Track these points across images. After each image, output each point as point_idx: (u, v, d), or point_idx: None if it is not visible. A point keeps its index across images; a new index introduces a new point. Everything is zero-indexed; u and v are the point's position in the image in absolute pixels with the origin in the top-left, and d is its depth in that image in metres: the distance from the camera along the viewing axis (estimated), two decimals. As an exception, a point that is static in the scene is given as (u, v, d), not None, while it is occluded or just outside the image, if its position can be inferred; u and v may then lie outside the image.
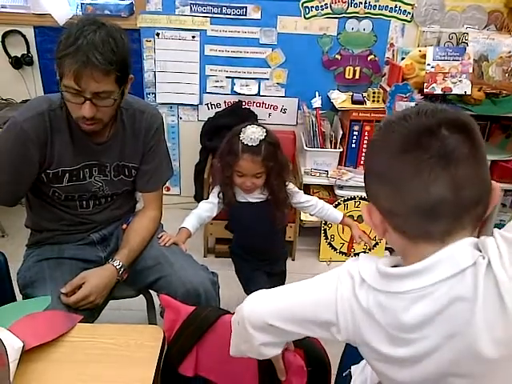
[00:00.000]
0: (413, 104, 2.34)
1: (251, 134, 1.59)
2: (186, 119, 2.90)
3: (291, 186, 1.76)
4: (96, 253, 1.59)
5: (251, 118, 2.75)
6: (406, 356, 0.71)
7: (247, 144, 1.59)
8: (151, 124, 1.54)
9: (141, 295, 1.67)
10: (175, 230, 1.70)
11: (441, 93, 2.37)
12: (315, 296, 0.81)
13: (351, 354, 1.21)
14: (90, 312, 1.40)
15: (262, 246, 1.83)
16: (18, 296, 1.45)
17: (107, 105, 1.31)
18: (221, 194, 1.75)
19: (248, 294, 1.82)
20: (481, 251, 0.68)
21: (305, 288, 0.84)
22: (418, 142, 0.68)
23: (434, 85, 2.38)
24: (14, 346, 0.97)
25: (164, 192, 1.72)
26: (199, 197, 2.74)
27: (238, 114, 2.74)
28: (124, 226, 1.63)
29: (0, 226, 2.72)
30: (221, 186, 1.74)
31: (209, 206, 1.76)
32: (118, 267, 1.46)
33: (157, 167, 1.60)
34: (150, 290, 1.65)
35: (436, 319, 0.68)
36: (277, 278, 1.92)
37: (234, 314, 1.13)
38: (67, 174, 1.44)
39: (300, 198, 1.78)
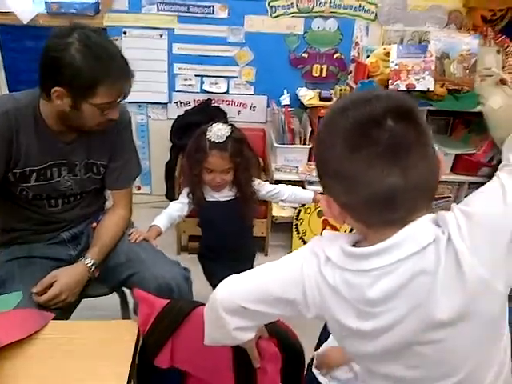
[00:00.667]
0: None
1: (218, 131, 1.64)
2: (156, 118, 2.89)
3: (257, 182, 1.80)
4: (67, 251, 1.58)
5: (220, 116, 2.76)
6: (373, 328, 0.75)
7: (214, 141, 1.63)
8: (119, 122, 1.53)
9: (114, 293, 1.66)
10: (146, 228, 1.70)
11: (405, 89, 2.43)
12: (282, 275, 0.84)
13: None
14: (62, 311, 1.40)
15: (232, 244, 1.84)
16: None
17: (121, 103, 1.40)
18: (190, 194, 1.77)
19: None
20: (440, 226, 0.71)
21: (272, 269, 0.87)
22: (365, 134, 0.69)
23: (398, 82, 2.44)
24: (-14, 343, 0.97)
25: (135, 191, 1.73)
26: (170, 195, 2.74)
27: (208, 112, 2.75)
28: (94, 224, 1.62)
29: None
30: (189, 185, 1.77)
31: (179, 206, 1.79)
32: (89, 265, 1.46)
33: (125, 164, 1.60)
34: (124, 288, 1.65)
35: (400, 293, 0.71)
36: None
37: (207, 304, 1.15)
38: (34, 174, 1.42)
39: (266, 188, 1.83)
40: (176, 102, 2.84)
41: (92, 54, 1.25)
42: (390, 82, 2.43)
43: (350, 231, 0.81)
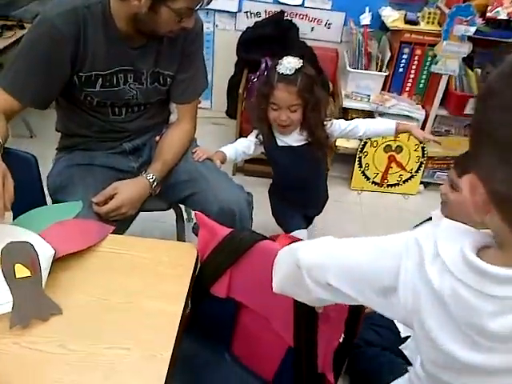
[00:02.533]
0: (472, 29, 2.13)
1: (287, 64, 1.53)
2: (223, 27, 2.71)
3: (329, 123, 1.67)
4: (128, 163, 1.54)
5: (292, 32, 2.55)
6: (476, 363, 0.57)
7: (283, 73, 1.52)
8: (191, 30, 1.41)
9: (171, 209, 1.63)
10: (205, 145, 1.64)
11: (506, 18, 2.14)
12: (379, 262, 0.66)
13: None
14: (121, 223, 1.37)
15: (304, 190, 1.77)
16: (49, 201, 1.42)
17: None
18: (260, 136, 1.69)
19: (284, 230, 1.79)
20: None
21: (370, 250, 0.70)
22: None
23: (499, 9, 2.14)
24: (45, 253, 0.95)
25: None
26: (232, 112, 2.63)
27: (279, 26, 2.54)
28: (157, 137, 1.56)
29: (28, 127, 2.68)
30: (257, 124, 1.67)
31: (246, 143, 1.71)
32: (151, 181, 1.41)
33: (193, 77, 1.50)
34: (181, 205, 1.62)
35: None
36: (312, 219, 1.92)
37: (271, 239, 1.08)
38: (100, 79, 1.34)
39: (341, 126, 1.69)
40: (246, 12, 2.64)
41: None
42: (489, 8, 2.13)
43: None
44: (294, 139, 1.66)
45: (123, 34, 1.30)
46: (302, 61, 1.55)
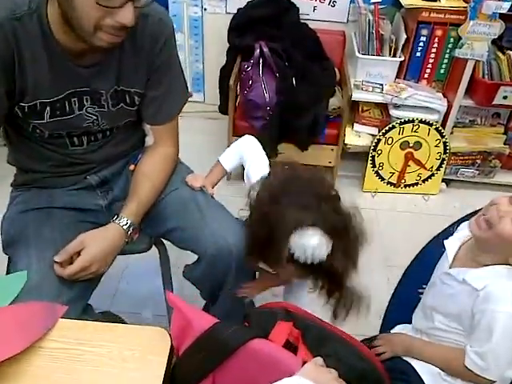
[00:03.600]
0: (507, 4, 1.79)
1: (311, 250, 0.95)
2: (212, 11, 2.37)
3: None
4: (95, 200, 1.27)
5: (292, 12, 2.23)
6: None
7: (299, 258, 0.97)
8: (157, 33, 1.11)
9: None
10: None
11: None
12: None
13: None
14: (90, 282, 1.13)
15: None
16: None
17: (144, 4, 0.96)
18: None
19: None
20: None
21: None
22: None
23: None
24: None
25: None
26: (223, 109, 2.33)
27: (276, 5, 2.21)
28: (131, 166, 1.29)
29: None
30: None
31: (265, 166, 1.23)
32: (125, 227, 1.15)
33: (168, 92, 1.21)
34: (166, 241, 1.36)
35: None
36: None
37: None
38: (48, 108, 1.07)
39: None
40: (238, -8, 2.30)
41: None
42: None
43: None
44: None
45: (69, 51, 1.01)
46: (329, 242, 0.96)
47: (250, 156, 1.25)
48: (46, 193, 1.23)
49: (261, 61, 2.11)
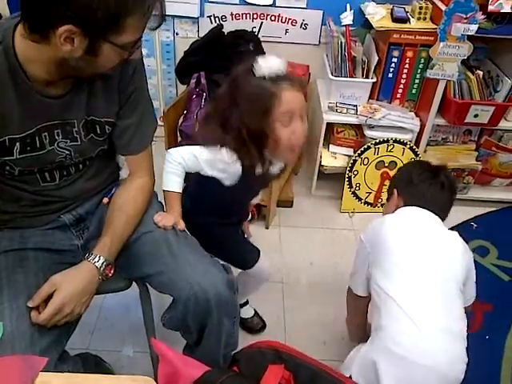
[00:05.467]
0: (474, 27, 1.84)
1: (274, 63, 1.12)
2: (184, 35, 2.35)
3: None
4: (70, 240, 1.23)
5: (247, 41, 2.16)
6: None
7: (276, 74, 1.11)
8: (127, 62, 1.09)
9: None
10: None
11: (510, 11, 1.85)
12: None
13: None
14: (66, 327, 1.07)
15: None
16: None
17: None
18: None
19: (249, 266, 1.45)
20: None
21: None
22: None
23: (501, 0, 1.85)
24: None
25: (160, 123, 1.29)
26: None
27: (221, 43, 2.14)
28: (105, 199, 1.25)
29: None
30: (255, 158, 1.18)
31: (201, 164, 1.24)
32: (97, 265, 1.10)
33: (140, 121, 1.19)
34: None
35: None
36: None
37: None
38: (18, 144, 1.02)
39: None
40: (209, 16, 2.28)
41: None
42: (490, 1, 1.84)
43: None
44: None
45: (39, 83, 0.98)
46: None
47: (187, 163, 1.24)
48: (19, 233, 1.17)
49: (197, 91, 2.06)
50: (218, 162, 1.20)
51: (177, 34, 2.35)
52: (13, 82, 0.96)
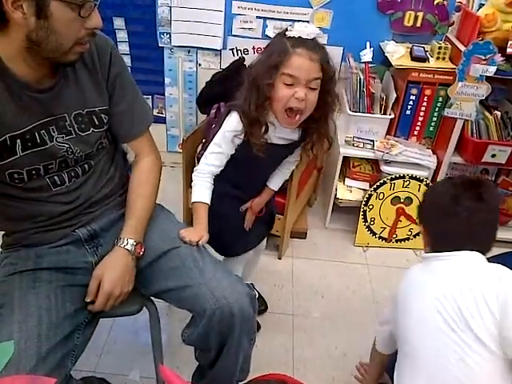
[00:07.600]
0: (492, 68, 1.86)
1: (304, 28, 1.22)
2: (207, 66, 2.42)
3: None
4: (83, 257, 1.24)
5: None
6: None
7: (300, 37, 1.21)
8: (103, 47, 1.16)
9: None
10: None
11: (528, 54, 1.87)
12: None
13: None
14: (72, 350, 1.10)
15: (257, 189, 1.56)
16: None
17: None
18: (237, 139, 1.33)
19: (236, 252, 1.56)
20: None
21: None
22: None
23: (520, 44, 1.87)
24: None
25: (177, 149, 1.37)
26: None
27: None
28: None
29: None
30: (248, 116, 1.31)
31: (218, 161, 1.37)
32: (128, 248, 1.20)
33: (133, 103, 1.26)
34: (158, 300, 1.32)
35: None
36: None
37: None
38: (19, 141, 1.06)
39: None
40: (232, 49, 2.35)
41: None
42: (509, 43, 1.86)
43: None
44: (290, 134, 1.38)
45: (25, 79, 1.03)
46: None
47: (214, 162, 1.36)
48: (34, 252, 1.19)
49: (217, 121, 2.06)
50: (228, 134, 1.34)
51: (199, 64, 2.42)
52: (4, 83, 1.01)
